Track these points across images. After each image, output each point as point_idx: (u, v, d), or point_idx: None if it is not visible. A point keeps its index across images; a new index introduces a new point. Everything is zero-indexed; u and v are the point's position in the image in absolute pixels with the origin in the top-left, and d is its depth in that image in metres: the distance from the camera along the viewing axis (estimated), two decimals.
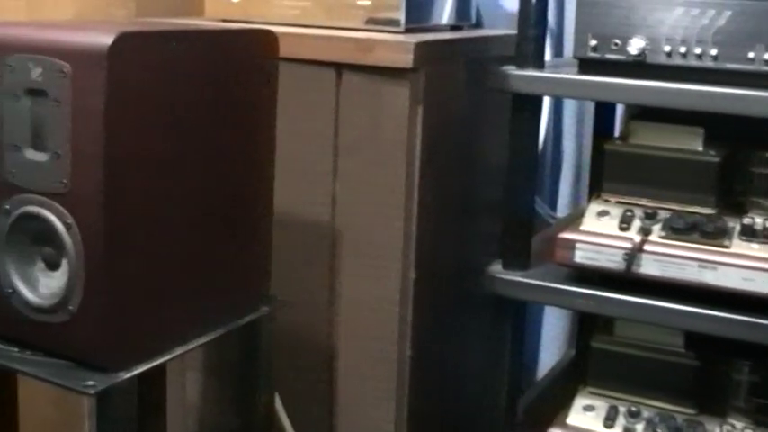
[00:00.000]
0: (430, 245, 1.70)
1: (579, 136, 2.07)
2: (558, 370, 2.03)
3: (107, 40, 1.20)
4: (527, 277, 1.57)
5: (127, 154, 1.24)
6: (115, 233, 1.24)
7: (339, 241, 1.69)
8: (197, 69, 1.33)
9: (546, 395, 1.90)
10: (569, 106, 2.05)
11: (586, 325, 1.98)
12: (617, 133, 1.91)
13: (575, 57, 1.52)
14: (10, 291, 1.31)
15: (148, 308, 1.30)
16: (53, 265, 1.30)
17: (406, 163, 1.62)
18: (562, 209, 2.08)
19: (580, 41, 1.51)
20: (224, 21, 1.83)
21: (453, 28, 1.87)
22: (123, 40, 1.21)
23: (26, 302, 1.30)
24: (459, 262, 1.84)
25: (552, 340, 2.13)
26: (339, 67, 1.64)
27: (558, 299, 1.56)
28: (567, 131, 2.07)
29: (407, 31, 1.69)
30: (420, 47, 1.58)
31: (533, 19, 1.53)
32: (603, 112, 1.91)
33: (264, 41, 1.44)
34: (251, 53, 1.42)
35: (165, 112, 1.28)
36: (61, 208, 1.25)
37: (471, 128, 1.80)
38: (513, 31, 1.93)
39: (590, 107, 2.04)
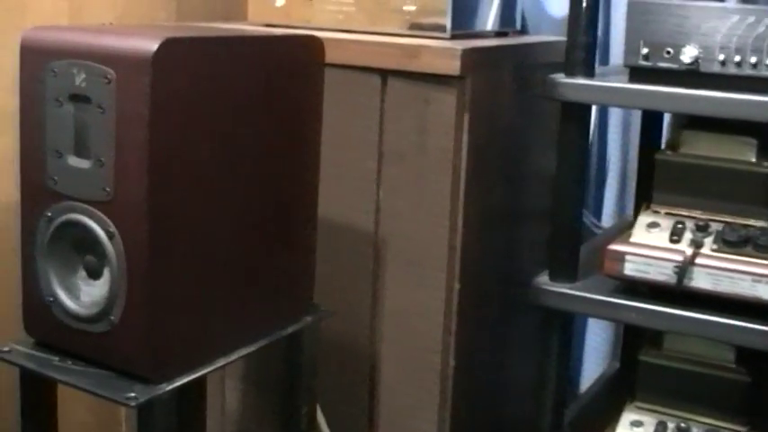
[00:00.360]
0: (475, 254, 1.66)
1: (624, 145, 2.03)
2: (603, 383, 1.99)
3: (152, 45, 1.17)
4: (575, 289, 1.53)
5: (171, 161, 1.21)
6: (158, 242, 1.21)
7: (382, 250, 1.65)
8: (243, 75, 1.29)
9: (591, 409, 1.86)
10: (614, 115, 2.01)
11: (632, 338, 1.94)
12: (664, 143, 1.87)
13: (625, 65, 1.48)
14: (51, 299, 1.28)
15: (191, 318, 1.27)
16: (95, 274, 1.27)
17: (452, 171, 1.58)
18: (607, 219, 2.04)
19: (631, 49, 1.46)
20: (267, 25, 1.80)
21: (498, 34, 1.83)
22: (168, 45, 1.17)
23: (67, 311, 1.27)
24: (504, 272, 1.80)
25: (595, 352, 2.08)
26: (384, 74, 1.61)
27: (607, 312, 1.51)
28: (611, 141, 2.02)
29: (453, 37, 1.65)
30: (467, 53, 1.54)
31: (583, 26, 1.49)
32: (650, 121, 1.86)
33: (310, 47, 1.41)
34: (297, 59, 1.39)
35: (210, 119, 1.25)
36: (104, 216, 1.22)
37: (517, 136, 1.76)
38: (560, 38, 1.91)
39: (635, 116, 1.99)
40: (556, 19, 2.04)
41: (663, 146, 1.87)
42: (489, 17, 1.82)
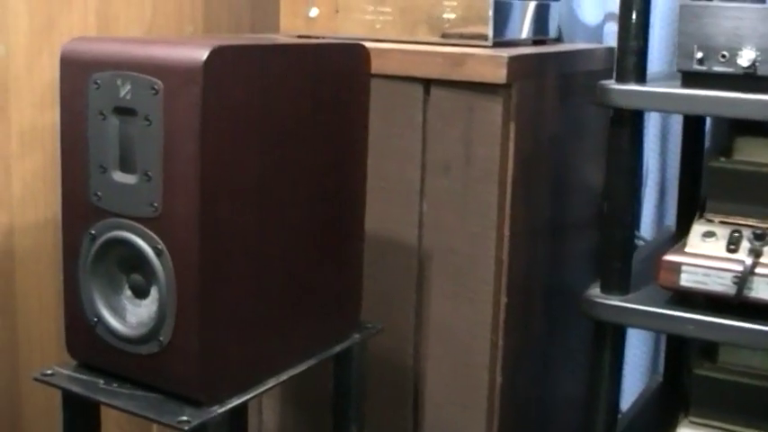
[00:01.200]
0: (521, 267, 1.59)
1: (663, 153, 1.96)
2: (647, 398, 1.92)
3: (201, 54, 1.10)
4: (628, 301, 1.46)
5: (222, 175, 1.14)
6: (209, 259, 1.14)
7: (426, 263, 1.59)
8: (293, 85, 1.23)
9: (639, 425, 1.79)
10: (653, 122, 1.94)
11: (676, 351, 1.87)
12: (707, 150, 1.81)
13: (679, 70, 1.41)
14: (95, 320, 1.22)
15: (242, 338, 1.21)
16: (141, 293, 1.21)
17: (499, 182, 1.51)
18: (646, 228, 1.97)
19: (685, 54, 1.40)
20: (300, 36, 1.74)
21: (535, 42, 1.77)
22: (219, 53, 1.11)
23: (113, 332, 1.21)
24: (549, 285, 1.73)
25: (634, 367, 2.01)
26: (427, 83, 1.55)
27: (663, 324, 1.45)
28: (649, 149, 1.95)
29: (494, 45, 1.59)
30: (514, 61, 1.48)
31: (634, 31, 1.42)
32: (694, 128, 1.80)
33: (358, 56, 1.35)
34: (345, 68, 1.32)
35: (260, 130, 1.19)
36: (151, 233, 1.16)
37: (561, 146, 1.70)
38: (599, 45, 1.85)
39: (674, 124, 1.93)
40: (589, 27, 1.98)
41: (706, 153, 1.82)
42: (525, 25, 1.76)
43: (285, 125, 1.22)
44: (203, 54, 1.10)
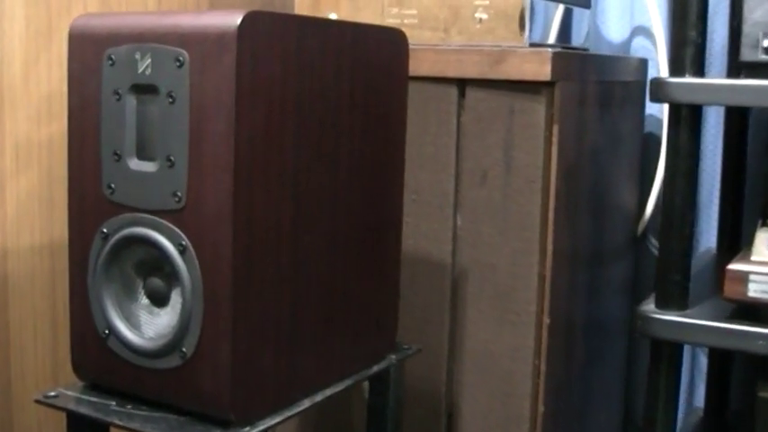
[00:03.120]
0: (563, 286, 1.42)
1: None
2: (693, 427, 1.73)
3: (234, 19, 0.94)
4: (688, 317, 1.29)
5: (257, 159, 0.97)
6: (243, 257, 0.96)
7: (461, 282, 1.41)
8: (330, 64, 1.06)
9: None
10: None
11: (720, 380, 1.70)
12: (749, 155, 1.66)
13: (743, 60, 1.26)
14: (106, 332, 1.03)
15: (277, 350, 1.03)
16: (160, 300, 1.03)
17: (542, 191, 1.35)
18: None
19: (749, 43, 1.25)
20: None
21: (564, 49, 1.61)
22: (253, 19, 0.95)
23: (127, 345, 1.03)
24: (589, 308, 1.55)
25: None
26: (462, 83, 1.38)
27: (731, 340, 1.27)
28: None
29: (533, 46, 1.43)
30: (558, 58, 1.32)
31: (693, 19, 1.27)
32: (737, 128, 1.65)
33: (397, 42, 1.18)
34: (384, 54, 1.16)
35: (298, 112, 1.02)
36: (174, 227, 0.98)
37: (600, 158, 1.53)
38: (634, 56, 1.70)
39: (709, 126, 1.77)
40: (614, 43, 1.84)
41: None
42: (555, 30, 1.61)
43: (323, 108, 1.06)
44: (236, 19, 0.94)
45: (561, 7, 1.68)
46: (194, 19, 0.96)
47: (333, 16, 1.56)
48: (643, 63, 1.70)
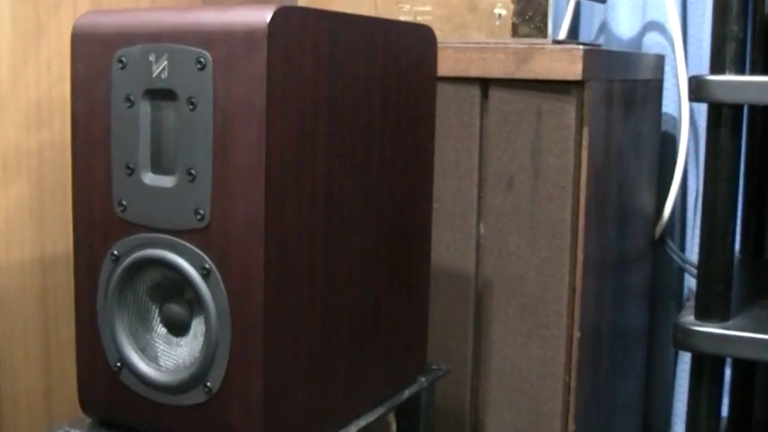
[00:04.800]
0: (593, 297, 1.31)
1: None
2: None
3: (263, 15, 0.81)
4: (732, 329, 1.18)
5: (290, 171, 0.85)
6: (275, 280, 0.84)
7: (486, 295, 1.30)
8: (363, 63, 0.94)
9: None
10: (704, 139, 1.68)
11: (745, 390, 1.60)
12: None
13: None
14: (118, 365, 0.91)
15: (309, 380, 0.91)
16: (180, 328, 0.90)
17: (572, 197, 1.23)
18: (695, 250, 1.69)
19: None
20: None
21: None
22: (284, 15, 0.82)
23: (142, 379, 0.90)
24: (614, 319, 1.44)
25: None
26: (485, 83, 1.27)
27: None
28: (702, 168, 1.69)
29: (555, 43, 1.32)
30: (589, 55, 1.21)
31: (735, 13, 1.16)
32: (762, 131, 1.55)
33: (426, 40, 1.06)
34: (414, 52, 1.04)
35: (330, 116, 0.90)
36: (196, 249, 0.86)
37: (625, 160, 1.42)
38: (650, 53, 1.59)
39: None
40: (623, 39, 1.73)
41: None
42: (564, 26, 1.49)
43: (355, 111, 0.94)
44: (266, 15, 0.81)
45: (572, 2, 1.58)
46: (217, 15, 0.84)
47: None
48: (660, 60, 1.59)
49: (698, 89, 1.17)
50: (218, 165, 0.83)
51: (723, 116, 1.17)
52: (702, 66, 1.66)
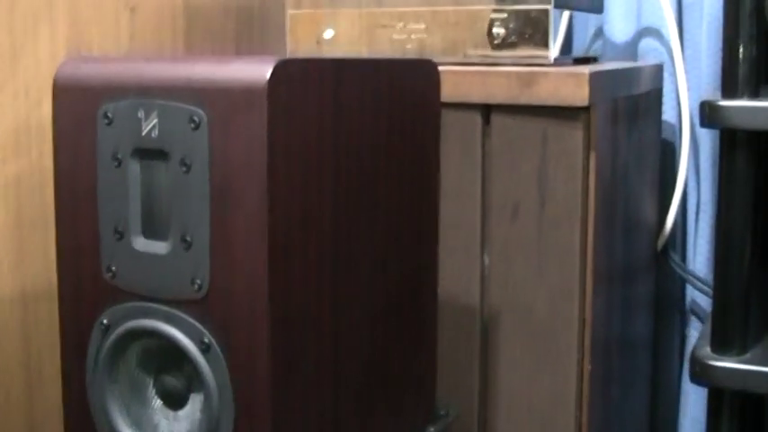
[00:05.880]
0: (603, 327, 1.25)
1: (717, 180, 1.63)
2: None
3: (264, 69, 0.74)
4: (751, 363, 1.12)
5: (294, 234, 0.77)
6: (282, 354, 0.77)
7: (492, 327, 1.23)
8: (367, 110, 0.87)
9: None
10: (704, 144, 1.62)
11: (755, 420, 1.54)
12: None
13: None
14: None
15: None
16: (177, 402, 0.82)
17: (581, 225, 1.16)
18: (701, 268, 1.63)
19: None
20: None
21: (576, 61, 1.43)
22: (285, 68, 0.75)
23: None
24: (623, 345, 1.38)
25: None
26: (487, 109, 1.19)
27: None
28: (703, 177, 1.63)
29: (556, 62, 1.25)
30: (596, 79, 1.14)
31: (747, 35, 1.09)
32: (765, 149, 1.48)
33: (429, 76, 0.99)
34: (417, 92, 0.96)
35: (335, 170, 0.82)
36: (194, 321, 0.78)
37: (630, 177, 1.36)
38: (649, 63, 1.52)
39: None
40: (618, 44, 1.65)
41: None
42: (559, 37, 1.42)
43: (360, 161, 0.86)
44: (266, 69, 0.74)
45: (566, 13, 1.51)
46: (212, 69, 0.76)
47: (329, 33, 1.36)
48: (659, 69, 1.52)
49: (712, 115, 1.10)
50: (215, 231, 0.76)
51: (739, 144, 1.11)
52: (700, 69, 1.59)
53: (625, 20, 1.64)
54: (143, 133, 0.78)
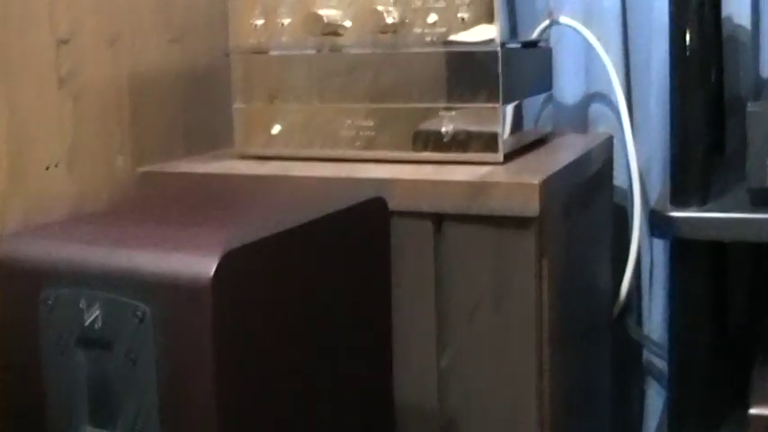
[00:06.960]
0: (562, 421, 1.24)
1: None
2: None
3: (208, 264, 0.72)
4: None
5: (247, 420, 0.76)
6: None
7: (451, 430, 1.22)
8: (315, 272, 0.85)
9: None
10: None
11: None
12: None
13: (748, 189, 1.09)
14: None
15: None
16: None
17: (536, 333, 1.16)
18: (656, 330, 1.64)
19: (756, 171, 1.07)
20: (258, 157, 1.36)
21: (530, 144, 1.41)
22: (231, 259, 0.73)
23: None
24: (581, 418, 1.38)
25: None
26: (438, 218, 1.18)
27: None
28: (656, 240, 1.63)
29: (506, 158, 1.24)
30: (545, 187, 1.13)
31: (694, 130, 1.09)
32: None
33: (378, 213, 0.98)
34: (368, 229, 0.95)
35: (288, 343, 0.81)
36: None
37: (584, 257, 1.35)
38: (600, 135, 1.52)
39: None
40: (567, 107, 1.65)
41: None
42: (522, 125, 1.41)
43: (312, 324, 0.85)
44: (210, 264, 0.72)
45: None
46: (155, 260, 0.74)
47: (276, 129, 1.34)
48: (610, 141, 1.52)
49: (662, 225, 1.10)
50: (166, 424, 0.74)
51: (691, 253, 1.11)
52: (650, 128, 1.59)
53: (575, 86, 1.64)
54: (86, 323, 0.76)
